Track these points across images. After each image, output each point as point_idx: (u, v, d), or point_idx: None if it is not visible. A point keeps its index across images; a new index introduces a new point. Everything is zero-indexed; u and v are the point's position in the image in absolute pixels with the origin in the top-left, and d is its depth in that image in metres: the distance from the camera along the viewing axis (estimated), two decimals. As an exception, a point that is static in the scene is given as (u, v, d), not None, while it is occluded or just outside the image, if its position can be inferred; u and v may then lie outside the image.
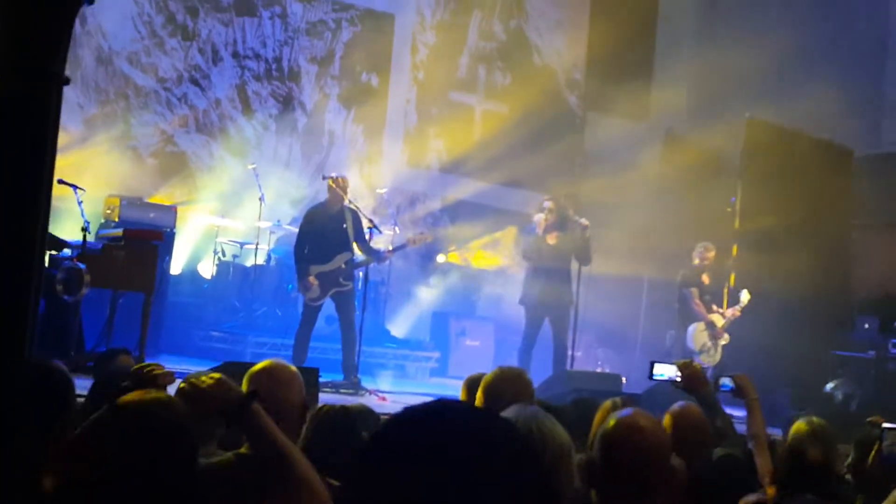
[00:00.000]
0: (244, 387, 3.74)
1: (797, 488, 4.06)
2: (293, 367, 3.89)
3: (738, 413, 5.56)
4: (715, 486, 4.11)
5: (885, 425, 5.06)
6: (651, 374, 4.82)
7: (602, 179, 13.69)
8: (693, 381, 4.66)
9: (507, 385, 4.23)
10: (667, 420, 4.27)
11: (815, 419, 4.98)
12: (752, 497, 4.07)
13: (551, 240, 10.41)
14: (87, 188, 9.24)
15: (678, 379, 4.69)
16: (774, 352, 11.84)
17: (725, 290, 11.93)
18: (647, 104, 15.29)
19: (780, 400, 10.62)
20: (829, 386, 11.56)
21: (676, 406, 4.36)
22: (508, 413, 2.79)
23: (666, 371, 4.75)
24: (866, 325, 12.41)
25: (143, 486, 2.54)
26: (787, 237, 12.37)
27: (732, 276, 12.06)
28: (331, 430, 3.83)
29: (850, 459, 5.37)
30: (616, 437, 2.74)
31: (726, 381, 4.86)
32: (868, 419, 5.62)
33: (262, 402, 3.63)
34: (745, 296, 11.64)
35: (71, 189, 8.75)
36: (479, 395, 4.29)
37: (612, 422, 2.78)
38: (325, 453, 3.73)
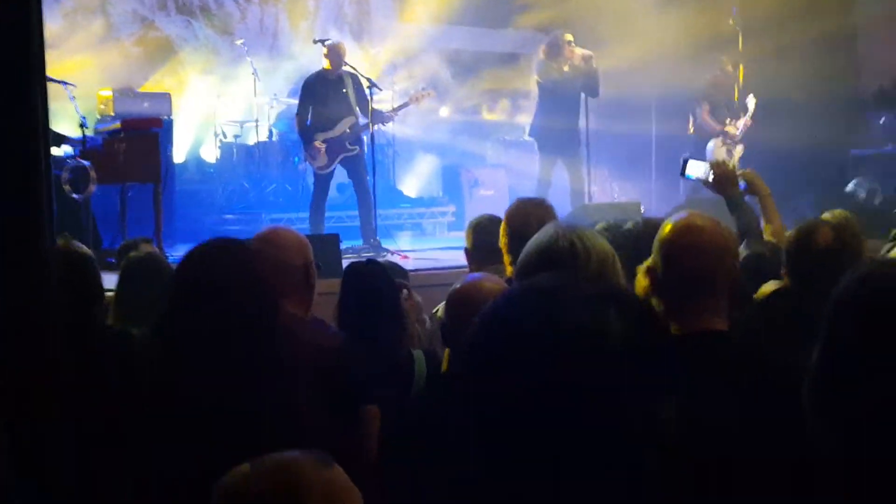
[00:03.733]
0: None
1: (807, 274, 3.97)
2: (294, 232, 3.86)
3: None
4: (743, 285, 4.03)
5: None
6: (683, 172, 4.71)
7: (598, 8, 13.30)
8: (724, 180, 4.56)
9: (531, 213, 4.16)
10: None
11: (837, 211, 4.92)
12: (770, 285, 4.00)
13: (562, 69, 10.26)
14: (76, 84, 9.04)
15: (710, 178, 4.59)
16: (792, 157, 11.72)
17: (736, 96, 11.75)
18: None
19: (803, 205, 10.54)
20: (851, 185, 11.48)
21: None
22: (546, 230, 2.71)
23: (697, 170, 4.64)
24: (882, 120, 12.25)
25: None
26: (791, 38, 12.09)
27: (741, 73, 11.82)
28: (362, 282, 3.79)
29: (884, 250, 5.34)
30: (674, 239, 2.63)
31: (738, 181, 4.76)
32: (896, 210, 5.58)
33: (263, 267, 3.62)
34: (751, 101, 11.51)
35: (61, 86, 8.56)
36: (502, 228, 4.21)
37: (668, 225, 2.66)
38: (361, 306, 3.71)
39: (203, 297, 2.80)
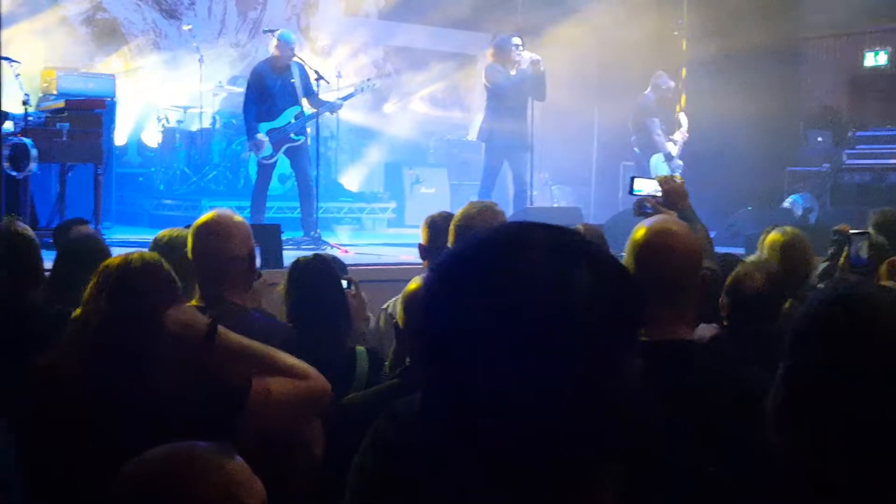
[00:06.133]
0: (189, 243, 3.68)
1: (739, 321, 4.02)
2: (237, 218, 3.80)
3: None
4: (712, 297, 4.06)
5: (853, 231, 5.13)
6: (631, 190, 4.64)
7: (544, 12, 13.40)
8: (674, 195, 4.54)
9: (475, 217, 4.19)
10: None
11: (788, 229, 5.03)
12: (707, 330, 4.04)
13: (510, 72, 10.32)
14: (21, 62, 8.93)
15: (659, 194, 4.57)
16: (731, 173, 11.92)
17: (678, 109, 11.87)
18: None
19: (742, 219, 10.71)
20: (787, 202, 11.70)
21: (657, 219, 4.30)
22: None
23: (646, 186, 4.61)
24: (819, 139, 12.50)
25: None
26: (735, 57, 12.29)
27: (683, 98, 11.98)
28: (311, 278, 3.78)
29: (820, 269, 5.46)
30: (649, 241, 2.59)
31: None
32: (835, 228, 5.71)
33: (207, 262, 3.57)
34: (683, 118, 11.68)
35: (5, 63, 8.44)
36: (451, 228, 4.24)
37: (641, 230, 2.63)
38: (309, 300, 3.71)
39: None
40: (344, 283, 3.90)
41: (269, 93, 9.76)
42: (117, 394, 2.69)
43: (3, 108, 8.34)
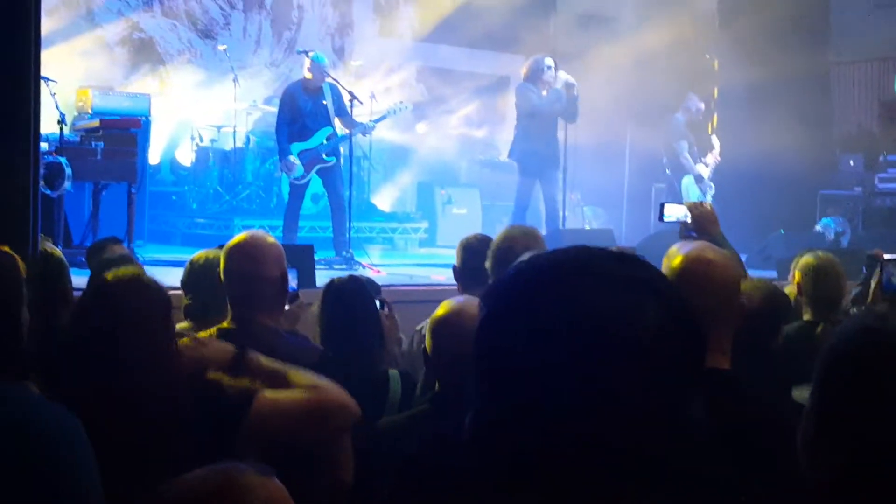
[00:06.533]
0: (221, 265, 3.68)
1: (738, 340, 4.04)
2: (270, 239, 3.79)
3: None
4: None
5: (887, 256, 5.11)
6: (661, 216, 4.64)
7: (578, 35, 13.40)
8: (703, 221, 4.51)
9: (517, 240, 4.17)
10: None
11: (821, 253, 5.02)
12: None
13: (542, 93, 10.30)
14: (57, 80, 9.00)
15: (688, 220, 4.55)
16: (763, 197, 11.86)
17: (710, 128, 11.82)
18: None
19: (774, 242, 10.66)
20: (820, 225, 11.64)
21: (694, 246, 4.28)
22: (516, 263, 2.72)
23: (676, 212, 4.59)
24: (851, 163, 12.44)
25: None
26: (766, 81, 12.24)
27: (715, 119, 11.94)
28: (346, 299, 3.78)
29: (853, 294, 5.42)
30: (685, 270, 2.60)
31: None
32: (869, 253, 5.68)
33: (238, 284, 3.56)
34: (715, 141, 11.66)
35: (42, 82, 8.51)
36: (490, 251, 4.22)
37: (678, 258, 2.63)
38: (343, 322, 3.70)
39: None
40: (377, 304, 3.90)
41: (302, 114, 9.81)
42: (114, 406, 2.69)
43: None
